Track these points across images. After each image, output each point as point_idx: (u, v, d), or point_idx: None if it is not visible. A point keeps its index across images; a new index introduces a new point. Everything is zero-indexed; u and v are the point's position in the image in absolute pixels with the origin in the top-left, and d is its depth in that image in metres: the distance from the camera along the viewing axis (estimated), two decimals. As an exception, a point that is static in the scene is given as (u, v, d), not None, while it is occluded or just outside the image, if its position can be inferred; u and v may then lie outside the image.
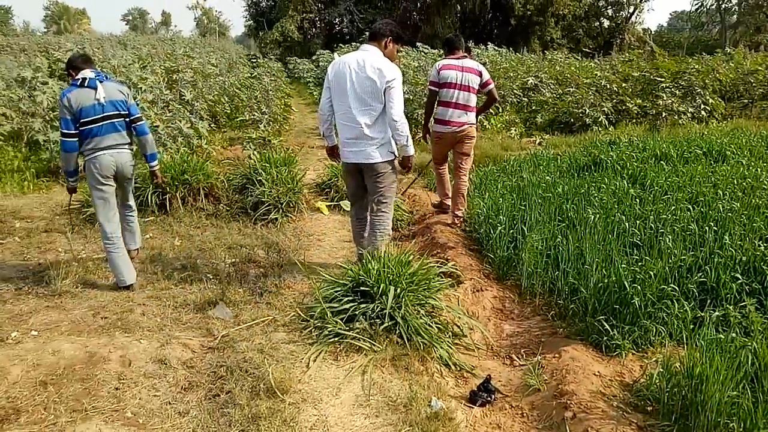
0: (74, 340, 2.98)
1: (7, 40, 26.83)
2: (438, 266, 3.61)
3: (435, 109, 5.12)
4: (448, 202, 5.39)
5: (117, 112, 3.79)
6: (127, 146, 3.90)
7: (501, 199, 5.14)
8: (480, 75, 4.97)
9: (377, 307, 3.10)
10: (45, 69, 8.61)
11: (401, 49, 3.88)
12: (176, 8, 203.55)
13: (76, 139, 3.71)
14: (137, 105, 4.24)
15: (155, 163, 4.14)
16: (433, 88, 4.99)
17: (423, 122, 5.51)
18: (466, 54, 5.09)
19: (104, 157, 3.74)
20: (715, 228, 3.95)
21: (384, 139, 3.66)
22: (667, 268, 3.38)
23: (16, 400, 2.48)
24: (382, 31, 3.70)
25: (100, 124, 3.72)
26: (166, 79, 9.82)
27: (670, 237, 3.85)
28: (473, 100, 5.01)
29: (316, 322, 3.14)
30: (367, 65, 3.54)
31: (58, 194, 5.99)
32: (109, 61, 9.99)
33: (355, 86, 3.57)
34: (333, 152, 4.02)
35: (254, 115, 9.00)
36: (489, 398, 2.83)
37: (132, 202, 4.16)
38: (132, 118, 3.89)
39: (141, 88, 8.38)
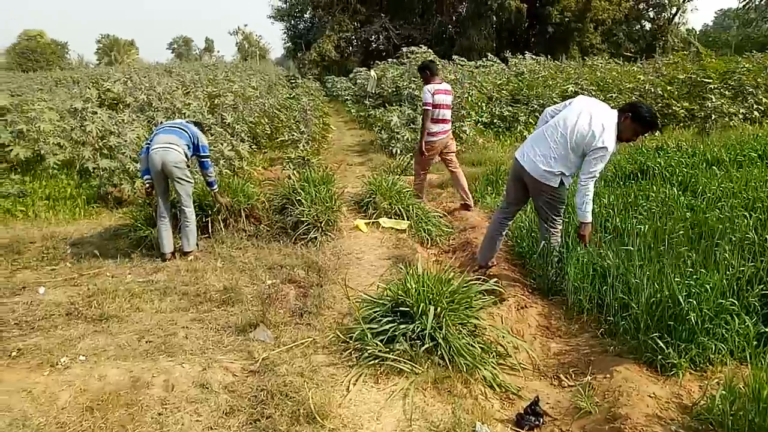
0: (119, 365, 3.02)
1: (63, 74, 28.36)
2: (479, 283, 3.51)
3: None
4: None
5: None
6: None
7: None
8: (452, 94, 6.44)
9: (417, 327, 3.03)
10: (94, 99, 8.99)
11: (639, 133, 3.94)
12: (219, 34, 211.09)
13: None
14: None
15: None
16: (429, 108, 6.02)
17: (420, 138, 6.27)
18: (441, 79, 6.45)
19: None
20: (776, 236, 3.71)
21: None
22: (724, 280, 3.17)
23: (65, 426, 2.53)
24: (628, 107, 3.86)
25: None
26: (208, 104, 10.10)
27: (726, 247, 3.64)
28: (450, 114, 6.33)
29: (355, 343, 3.10)
30: (596, 122, 3.72)
31: (107, 220, 6.20)
32: (155, 88, 10.36)
33: (573, 124, 3.79)
34: None
35: (293, 135, 9.14)
36: (537, 422, 2.71)
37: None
38: None
39: (185, 113, 8.65)
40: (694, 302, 2.98)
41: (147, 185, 4.98)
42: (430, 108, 6.00)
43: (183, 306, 3.98)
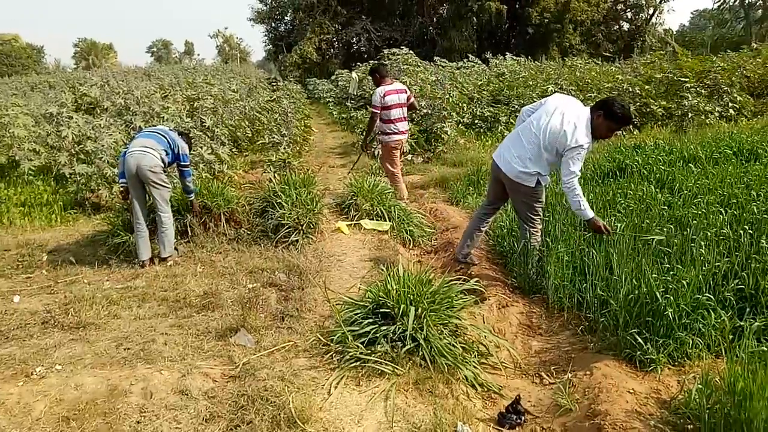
0: (97, 373, 2.97)
1: (39, 78, 27.89)
2: (460, 283, 3.51)
3: (385, 125, 6.34)
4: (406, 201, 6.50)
5: None
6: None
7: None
8: (406, 92, 6.46)
9: (398, 328, 3.02)
10: (70, 104, 8.84)
11: (614, 130, 3.89)
12: (199, 37, 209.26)
13: None
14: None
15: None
16: (376, 111, 6.25)
17: (364, 138, 6.83)
18: (392, 79, 6.61)
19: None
20: (751, 231, 3.77)
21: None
22: (700, 276, 3.22)
23: (39, 437, 2.47)
24: (601, 104, 3.78)
25: None
26: (187, 107, 10.00)
27: (702, 243, 3.69)
28: (406, 111, 6.49)
29: (337, 346, 3.08)
30: (567, 121, 3.71)
31: (84, 226, 6.10)
32: (133, 92, 10.22)
33: (545, 124, 3.81)
34: None
35: (274, 137, 9.08)
36: (519, 420, 2.72)
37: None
38: None
39: (163, 117, 8.54)
40: (672, 298, 3.01)
41: (122, 188, 4.94)
42: (378, 111, 6.26)
43: (162, 312, 3.92)
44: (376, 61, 20.25)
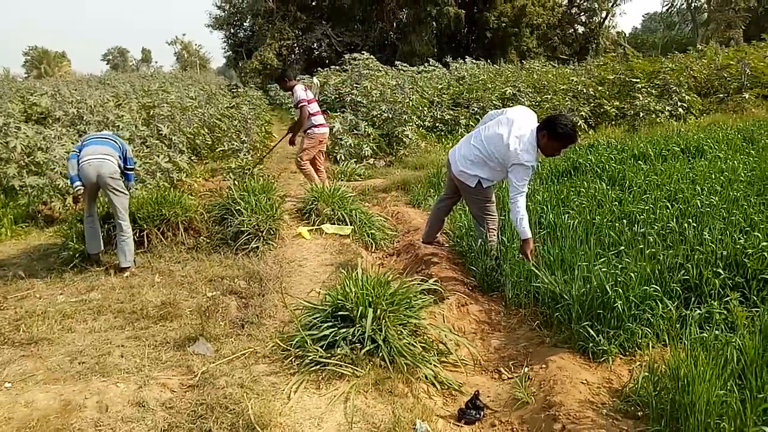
0: (49, 389, 2.89)
1: (-14, 88, 26.78)
2: (419, 283, 3.55)
3: (311, 118, 6.70)
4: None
5: None
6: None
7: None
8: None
9: (358, 330, 3.04)
10: (18, 114, 8.55)
11: (559, 148, 3.86)
12: (156, 44, 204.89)
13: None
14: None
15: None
16: (305, 104, 6.61)
17: (296, 131, 7.05)
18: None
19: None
20: (695, 224, 3.93)
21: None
22: (648, 268, 3.34)
23: (-13, 458, 2.39)
24: (545, 123, 3.78)
25: None
26: (143, 116, 9.80)
27: (650, 237, 3.83)
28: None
29: (296, 351, 3.07)
30: (512, 135, 3.78)
31: (36, 239, 5.92)
32: (86, 101, 9.96)
33: (492, 132, 3.95)
34: None
35: (234, 144, 8.98)
36: (478, 415, 2.77)
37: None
38: None
39: (118, 126, 8.35)
40: (621, 290, 3.11)
41: (79, 191, 4.77)
42: (306, 102, 6.62)
43: (118, 324, 3.84)
44: (337, 66, 20.29)
